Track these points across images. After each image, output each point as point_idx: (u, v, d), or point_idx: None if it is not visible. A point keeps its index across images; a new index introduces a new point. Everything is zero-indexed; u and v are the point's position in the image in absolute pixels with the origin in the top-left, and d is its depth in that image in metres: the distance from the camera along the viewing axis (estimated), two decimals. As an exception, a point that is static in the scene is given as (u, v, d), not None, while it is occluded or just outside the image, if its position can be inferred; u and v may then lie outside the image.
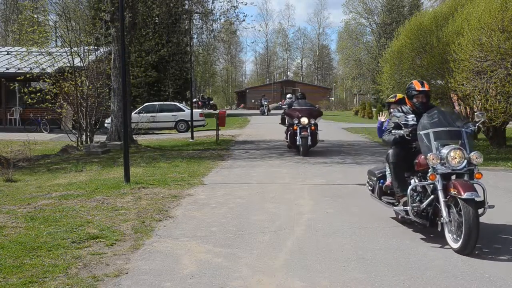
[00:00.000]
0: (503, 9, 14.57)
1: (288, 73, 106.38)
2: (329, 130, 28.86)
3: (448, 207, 6.49)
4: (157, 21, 23.31)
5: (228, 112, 46.26)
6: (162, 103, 34.78)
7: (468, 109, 21.54)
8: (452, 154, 6.53)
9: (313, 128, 16.89)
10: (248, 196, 10.31)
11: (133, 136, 21.23)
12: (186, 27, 25.56)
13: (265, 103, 51.78)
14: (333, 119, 41.40)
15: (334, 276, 5.65)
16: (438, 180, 6.58)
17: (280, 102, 48.10)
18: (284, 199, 9.98)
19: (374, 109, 46.53)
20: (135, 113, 28.47)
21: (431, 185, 6.79)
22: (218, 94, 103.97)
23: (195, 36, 25.94)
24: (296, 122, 16.71)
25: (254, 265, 6.03)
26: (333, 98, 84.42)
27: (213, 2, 23.13)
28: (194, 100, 48.64)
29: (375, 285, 5.39)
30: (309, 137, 16.66)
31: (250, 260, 6.23)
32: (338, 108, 72.14)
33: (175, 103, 35.84)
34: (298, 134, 16.71)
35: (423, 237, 7.13)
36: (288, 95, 22.80)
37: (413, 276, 5.62)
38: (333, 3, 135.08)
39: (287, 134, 18.13)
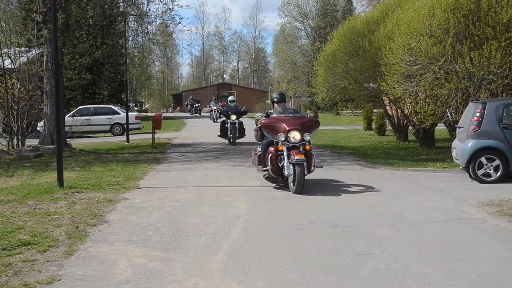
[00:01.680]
0: (431, 15, 15.06)
1: (225, 75, 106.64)
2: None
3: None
4: (91, 22, 22.89)
5: (164, 115, 45.96)
6: (96, 106, 34.26)
7: (399, 111, 22.17)
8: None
9: (308, 147, 11.10)
10: (184, 199, 10.29)
11: (67, 139, 20.79)
12: (121, 29, 25.21)
13: (215, 107, 41.34)
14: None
15: (270, 277, 5.71)
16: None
17: (218, 105, 40.95)
18: (220, 201, 10.01)
19: (309, 112, 47.08)
20: (69, 116, 27.86)
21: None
22: (154, 97, 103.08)
23: (130, 38, 25.63)
24: (283, 139, 10.94)
25: (191, 269, 6.04)
26: (269, 101, 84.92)
27: (148, 4, 22.78)
28: (186, 103, 47.36)
29: (310, 285, 5.47)
30: (305, 164, 10.75)
31: (187, 263, 6.22)
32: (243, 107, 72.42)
33: (110, 106, 35.34)
34: (286, 158, 10.82)
35: (357, 238, 7.29)
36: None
37: (346, 275, 5.73)
38: (268, 7, 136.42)
39: (262, 157, 11.72)
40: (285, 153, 10.79)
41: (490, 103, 12.34)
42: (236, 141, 21.94)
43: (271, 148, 11.14)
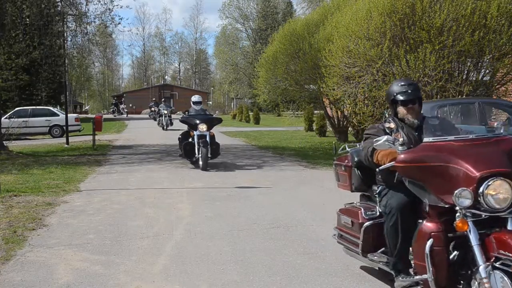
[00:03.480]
0: (368, 19, 15.38)
1: (166, 77, 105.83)
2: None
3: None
4: (27, 22, 22.37)
5: (105, 116, 45.34)
6: (35, 107, 33.44)
7: (339, 112, 22.56)
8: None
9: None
10: (126, 201, 10.20)
11: (4, 142, 20.25)
12: (59, 29, 24.72)
13: (165, 111, 34.60)
14: (211, 123, 41.61)
15: (213, 279, 5.74)
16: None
17: (170, 108, 36.77)
18: (163, 203, 9.97)
19: (251, 113, 47.39)
20: (6, 118, 27.13)
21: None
22: (95, 98, 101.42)
23: (69, 39, 25.17)
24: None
25: (133, 272, 6.01)
26: (211, 103, 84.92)
27: (87, 4, 22.39)
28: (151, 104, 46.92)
29: (253, 286, 5.53)
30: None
31: (128, 266, 6.19)
32: (216, 112, 72.62)
33: (49, 108, 34.57)
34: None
35: (299, 238, 7.40)
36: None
37: (289, 275, 5.81)
38: (209, 8, 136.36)
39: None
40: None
41: (425, 105, 12.59)
42: (209, 161, 14.83)
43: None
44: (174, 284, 5.61)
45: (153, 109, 45.67)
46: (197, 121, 14.84)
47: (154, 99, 54.83)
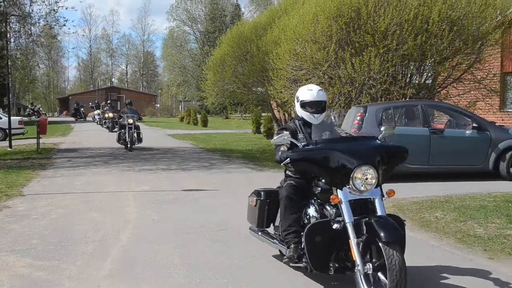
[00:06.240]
0: (315, 22, 15.58)
1: (113, 79, 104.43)
2: (155, 136, 28.89)
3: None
4: (-32, 22, 21.76)
5: (49, 119, 44.41)
6: (-25, 110, 32.55)
7: (286, 115, 22.74)
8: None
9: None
10: (71, 205, 10.03)
11: None
12: (2, 30, 24.13)
13: (130, 120, 25.37)
14: (158, 126, 41.39)
15: (159, 283, 5.71)
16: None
17: (109, 108, 37.52)
18: (109, 207, 9.84)
19: (199, 116, 47.28)
20: None
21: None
22: (39, 101, 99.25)
23: (12, 40, 24.57)
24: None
25: (78, 277, 5.91)
26: (158, 105, 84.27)
27: (31, 5, 21.92)
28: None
29: (200, 288, 5.55)
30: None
31: (73, 272, 6.09)
32: (164, 114, 72.22)
33: (-9, 111, 33.69)
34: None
35: (246, 241, 7.43)
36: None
37: (236, 277, 5.83)
38: (156, 10, 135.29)
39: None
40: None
41: (371, 107, 12.96)
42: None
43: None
44: (120, 289, 5.56)
45: (97, 112, 44.68)
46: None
47: (97, 101, 53.93)
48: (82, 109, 55.44)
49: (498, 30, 15.35)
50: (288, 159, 5.19)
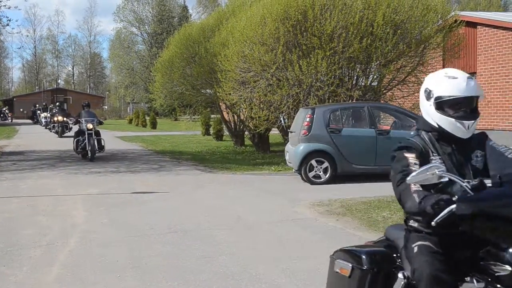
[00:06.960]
0: (263, 24, 15.68)
1: (59, 81, 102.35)
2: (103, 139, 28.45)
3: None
4: None
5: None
6: None
7: (235, 116, 22.81)
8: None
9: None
10: (17, 209, 9.84)
11: None
12: None
13: (90, 125, 22.28)
14: (107, 128, 40.81)
15: (109, 286, 5.68)
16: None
17: (57, 110, 35.23)
18: (57, 211, 9.70)
19: (147, 118, 46.91)
20: None
21: None
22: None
23: (-49, 41, 23.91)
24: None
25: (24, 283, 5.82)
26: (106, 107, 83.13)
27: (-28, 5, 21.44)
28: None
29: (150, 291, 5.55)
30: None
31: (20, 277, 5.98)
32: (112, 117, 71.28)
33: None
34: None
35: (197, 243, 7.45)
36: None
37: (187, 280, 5.82)
38: (103, 11, 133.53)
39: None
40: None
41: (319, 109, 13.16)
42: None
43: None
44: (69, 294, 5.51)
45: (44, 115, 42.03)
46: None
47: (45, 103, 52.47)
48: (39, 111, 54.26)
49: (439, 33, 15.76)
50: (452, 211, 2.82)
